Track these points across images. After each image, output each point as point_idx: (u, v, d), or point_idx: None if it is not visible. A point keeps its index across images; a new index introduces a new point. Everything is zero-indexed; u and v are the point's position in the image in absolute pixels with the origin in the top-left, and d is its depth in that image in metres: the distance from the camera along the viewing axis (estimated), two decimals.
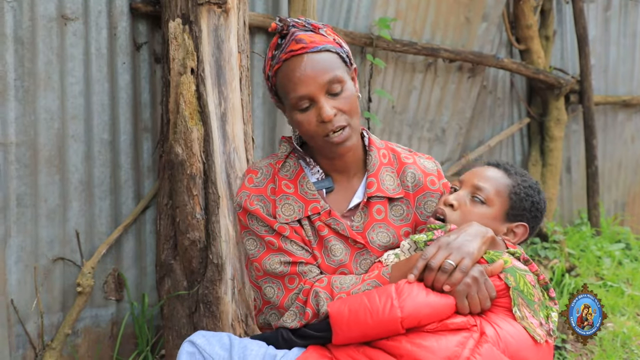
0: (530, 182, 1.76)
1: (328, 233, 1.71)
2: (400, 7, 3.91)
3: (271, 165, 1.77)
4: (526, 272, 1.60)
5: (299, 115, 1.65)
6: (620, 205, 5.82)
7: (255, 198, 1.73)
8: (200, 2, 2.56)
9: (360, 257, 1.73)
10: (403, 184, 1.79)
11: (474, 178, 1.74)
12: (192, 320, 2.63)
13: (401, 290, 1.53)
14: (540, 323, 1.58)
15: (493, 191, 1.71)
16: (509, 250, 1.66)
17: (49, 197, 2.68)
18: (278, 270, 1.69)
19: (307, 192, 1.72)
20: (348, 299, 1.58)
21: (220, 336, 1.68)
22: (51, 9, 2.63)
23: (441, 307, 1.52)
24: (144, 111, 2.90)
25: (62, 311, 2.76)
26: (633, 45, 5.66)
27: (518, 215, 1.73)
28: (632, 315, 3.90)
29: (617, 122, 5.69)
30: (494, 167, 1.78)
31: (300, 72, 1.62)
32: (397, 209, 1.78)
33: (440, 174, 1.86)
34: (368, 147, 1.80)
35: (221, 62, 2.62)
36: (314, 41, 1.66)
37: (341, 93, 1.64)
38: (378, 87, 3.88)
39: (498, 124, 4.83)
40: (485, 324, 1.53)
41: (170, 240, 2.69)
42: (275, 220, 1.70)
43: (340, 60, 1.68)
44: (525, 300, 1.56)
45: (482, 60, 4.30)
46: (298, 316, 1.66)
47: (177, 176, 2.60)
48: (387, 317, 1.50)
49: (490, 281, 1.55)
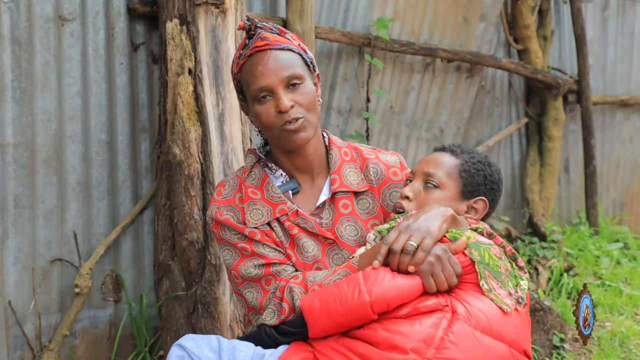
0: (479, 157, 1.80)
1: (298, 232, 1.77)
2: (398, 7, 3.91)
3: (237, 177, 1.84)
4: (490, 245, 1.63)
5: (259, 106, 1.72)
6: (618, 205, 5.83)
7: (225, 209, 1.79)
8: (198, 3, 2.56)
9: (332, 252, 1.78)
10: (367, 178, 1.85)
11: (423, 166, 1.79)
12: (190, 321, 2.63)
13: (368, 276, 1.57)
14: (509, 293, 1.60)
15: (443, 174, 1.76)
16: (471, 227, 1.69)
17: (46, 198, 2.68)
18: (253, 274, 1.74)
19: (273, 195, 1.79)
20: (318, 290, 1.62)
21: (209, 339, 1.69)
22: (48, 9, 2.62)
23: (408, 287, 1.55)
24: (142, 112, 2.90)
25: (59, 312, 2.75)
26: (631, 45, 5.67)
27: (474, 190, 1.77)
28: (630, 314, 3.91)
29: (615, 122, 5.69)
30: (440, 151, 1.83)
31: (262, 66, 1.71)
32: (363, 202, 1.83)
33: (403, 166, 1.92)
34: (328, 146, 1.86)
35: (219, 63, 2.62)
36: (277, 40, 1.75)
37: (300, 88, 1.72)
38: (376, 87, 3.88)
39: (496, 124, 4.84)
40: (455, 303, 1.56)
41: (168, 241, 2.69)
42: (245, 227, 1.76)
43: (303, 62, 1.77)
44: (492, 272, 1.59)
45: (480, 60, 4.30)
46: (276, 313, 1.70)
47: (174, 177, 2.59)
48: (357, 303, 1.53)
49: (454, 258, 1.59)
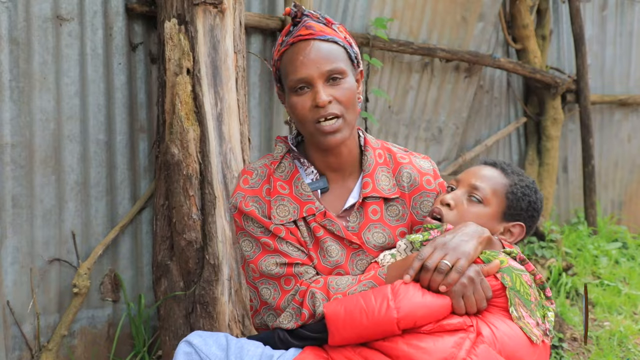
0: (528, 182, 1.75)
1: (324, 234, 1.71)
2: (397, 7, 3.91)
3: (266, 166, 1.77)
4: (522, 272, 1.60)
5: (295, 97, 1.66)
6: (616, 204, 5.83)
7: (251, 199, 1.72)
8: (196, 2, 2.56)
9: (356, 257, 1.73)
10: (399, 183, 1.79)
11: (471, 177, 1.74)
12: (188, 321, 2.63)
13: (397, 291, 1.52)
14: (537, 323, 1.57)
15: (490, 191, 1.71)
16: (505, 250, 1.66)
17: (44, 198, 2.68)
18: (274, 272, 1.69)
19: (302, 193, 1.72)
20: (344, 299, 1.57)
21: (217, 336, 1.67)
22: (46, 9, 2.62)
23: (437, 307, 1.51)
24: (140, 112, 2.90)
25: (58, 312, 2.75)
26: (629, 45, 5.67)
27: (515, 215, 1.72)
28: (628, 314, 3.91)
29: (613, 121, 5.69)
30: (491, 166, 1.78)
31: (303, 56, 1.63)
32: (393, 209, 1.77)
33: (436, 174, 1.85)
34: (364, 147, 1.79)
35: (217, 63, 2.62)
36: (323, 31, 1.67)
37: (341, 83, 1.65)
38: (375, 87, 3.88)
39: (495, 124, 4.84)
40: (481, 325, 1.53)
41: (166, 241, 2.69)
42: (270, 222, 1.70)
43: (347, 56, 1.69)
44: (522, 300, 1.56)
45: (479, 59, 4.30)
46: (294, 317, 1.66)
47: (173, 177, 2.59)
48: (383, 318, 1.50)
49: (486, 281, 1.55)
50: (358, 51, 1.74)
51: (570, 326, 3.51)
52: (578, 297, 4.12)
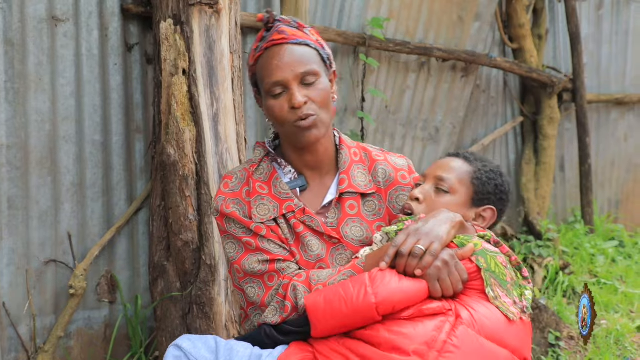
0: (492, 167, 1.81)
1: (304, 230, 1.76)
2: (393, 7, 3.91)
3: (245, 170, 1.83)
4: (497, 254, 1.64)
5: (272, 101, 1.71)
6: (613, 203, 5.85)
7: (232, 201, 1.78)
8: (192, 3, 2.55)
9: (335, 252, 1.77)
10: (375, 180, 1.85)
11: (436, 170, 1.80)
12: (185, 321, 2.62)
13: (374, 278, 1.56)
14: (514, 301, 1.61)
15: (456, 180, 1.76)
16: (478, 234, 1.70)
17: (40, 199, 2.67)
18: (257, 269, 1.73)
19: (281, 192, 1.78)
20: (323, 290, 1.62)
21: (206, 339, 1.68)
22: (41, 10, 2.61)
23: (414, 291, 1.55)
24: (136, 112, 2.89)
25: (54, 314, 2.75)
26: (625, 44, 5.68)
27: (484, 199, 1.77)
28: (625, 312, 3.91)
29: (610, 121, 5.70)
30: (454, 157, 1.84)
31: (277, 60, 1.69)
32: (370, 204, 1.83)
33: (411, 169, 1.92)
34: (339, 145, 1.85)
35: (213, 63, 2.62)
36: (295, 34, 1.73)
37: (315, 84, 1.71)
38: (371, 86, 3.88)
39: (492, 123, 4.84)
40: (460, 308, 1.56)
41: (163, 242, 2.68)
42: (251, 221, 1.75)
43: (319, 58, 1.75)
44: (498, 280, 1.60)
45: (475, 59, 4.30)
46: (278, 311, 1.70)
47: (169, 177, 2.59)
48: (362, 304, 1.53)
49: (461, 264, 1.59)
50: (330, 52, 1.80)
51: (567, 325, 3.51)
52: (575, 295, 4.12)
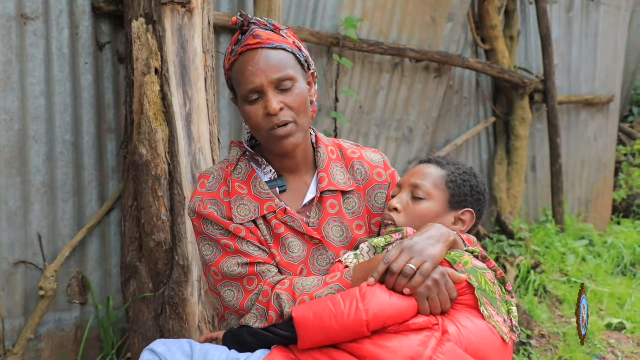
0: (465, 169, 1.82)
1: (285, 231, 1.74)
2: (367, 7, 3.93)
3: (222, 170, 1.79)
4: (486, 270, 1.64)
5: (248, 107, 1.69)
6: (583, 203, 5.94)
7: (209, 202, 1.74)
8: (164, 2, 2.53)
9: (317, 252, 1.75)
10: (354, 177, 1.84)
11: (410, 178, 1.80)
12: (158, 322, 2.60)
13: (364, 294, 1.54)
14: (504, 319, 1.60)
15: (431, 185, 1.77)
16: (468, 249, 1.69)
17: (9, 199, 2.63)
18: (236, 272, 1.70)
19: (261, 191, 1.75)
20: (312, 303, 1.58)
21: (181, 343, 1.66)
22: (10, 8, 2.57)
23: (404, 308, 1.54)
24: (108, 112, 2.86)
25: (24, 315, 2.71)
26: (594, 46, 5.78)
27: (461, 201, 1.78)
28: (595, 310, 3.98)
29: (580, 121, 5.80)
30: (426, 163, 1.85)
31: (252, 66, 1.66)
32: (350, 202, 1.82)
33: (387, 165, 1.91)
34: (316, 144, 1.84)
35: (186, 62, 2.60)
36: (270, 38, 1.70)
37: (291, 90, 1.68)
38: (345, 87, 3.89)
39: (464, 124, 4.89)
40: (447, 323, 1.55)
41: (135, 242, 2.66)
42: (230, 222, 1.71)
43: (296, 61, 1.72)
44: (489, 298, 1.60)
45: (448, 60, 4.34)
46: (259, 318, 1.67)
47: (142, 177, 2.57)
48: (353, 321, 1.51)
49: (451, 282, 1.58)
50: (308, 54, 1.78)
51: (539, 323, 3.56)
52: (546, 294, 4.18)
